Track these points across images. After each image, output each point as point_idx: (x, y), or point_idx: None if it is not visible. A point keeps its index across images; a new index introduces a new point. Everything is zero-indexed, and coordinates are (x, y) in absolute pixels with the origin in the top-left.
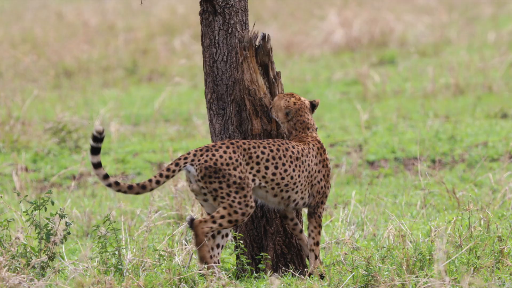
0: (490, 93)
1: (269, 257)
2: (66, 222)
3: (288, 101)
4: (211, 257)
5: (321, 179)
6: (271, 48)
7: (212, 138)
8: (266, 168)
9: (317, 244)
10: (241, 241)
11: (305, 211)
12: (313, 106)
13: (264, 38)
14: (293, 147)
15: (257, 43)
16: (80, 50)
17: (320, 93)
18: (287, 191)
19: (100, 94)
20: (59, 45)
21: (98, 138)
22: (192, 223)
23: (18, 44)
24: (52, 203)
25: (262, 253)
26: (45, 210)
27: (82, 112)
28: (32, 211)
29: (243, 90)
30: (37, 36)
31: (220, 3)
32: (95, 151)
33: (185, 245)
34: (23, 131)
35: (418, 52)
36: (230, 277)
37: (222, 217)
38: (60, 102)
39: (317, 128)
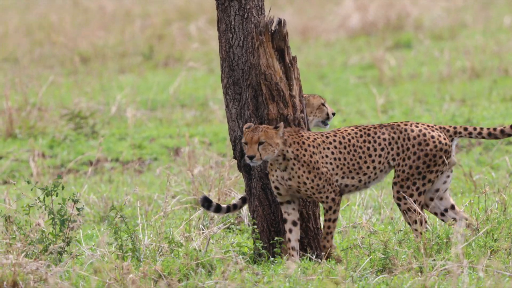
0: (506, 76)
1: (283, 240)
2: (77, 208)
3: None
4: None
5: None
6: (287, 33)
7: (229, 123)
8: None
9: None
10: (255, 226)
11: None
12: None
13: (280, 23)
14: None
15: (273, 28)
16: (96, 36)
17: (336, 77)
18: None
19: (116, 80)
20: (75, 32)
21: None
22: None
23: (34, 31)
24: (62, 187)
25: (276, 238)
26: (57, 196)
27: (98, 98)
28: (44, 197)
29: (259, 75)
30: (53, 23)
31: None
32: None
33: (202, 230)
34: (40, 117)
35: (434, 36)
36: (247, 261)
37: None
38: (77, 88)
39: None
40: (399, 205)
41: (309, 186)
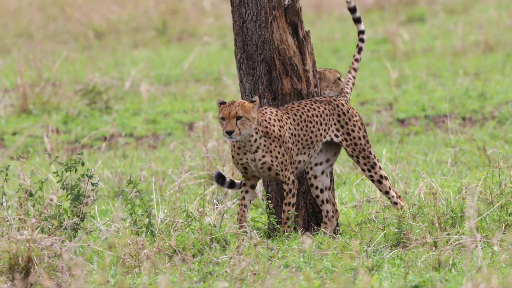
0: None
1: (296, 214)
2: (92, 183)
3: None
4: None
5: None
6: (300, 8)
7: (243, 97)
8: None
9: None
10: (269, 201)
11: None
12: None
13: None
14: None
15: (286, 3)
16: (110, 11)
17: (349, 52)
18: None
19: (130, 55)
20: (89, 6)
21: None
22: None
23: (47, 6)
24: (83, 164)
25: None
26: (75, 172)
27: (112, 73)
28: (63, 172)
29: (273, 50)
30: None
31: None
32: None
33: (217, 205)
34: (54, 93)
35: (447, 9)
36: (261, 236)
37: None
38: (90, 63)
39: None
40: (371, 176)
41: (280, 161)
